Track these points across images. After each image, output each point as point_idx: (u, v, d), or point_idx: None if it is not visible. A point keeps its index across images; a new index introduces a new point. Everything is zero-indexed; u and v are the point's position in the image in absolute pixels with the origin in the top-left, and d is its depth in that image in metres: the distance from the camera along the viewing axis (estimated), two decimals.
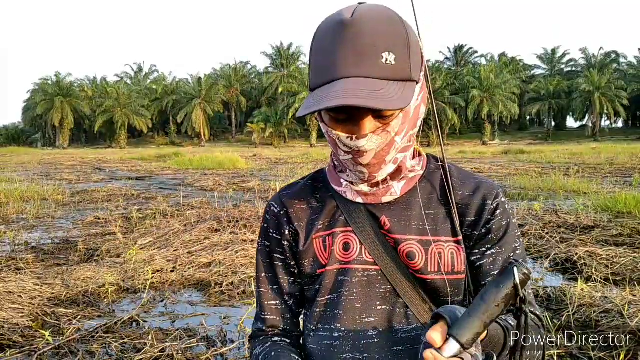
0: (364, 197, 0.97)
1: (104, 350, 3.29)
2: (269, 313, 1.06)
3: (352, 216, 0.98)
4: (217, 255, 5.26)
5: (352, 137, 0.86)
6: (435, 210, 0.97)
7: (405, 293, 0.95)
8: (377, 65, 0.80)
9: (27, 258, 5.61)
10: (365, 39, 0.80)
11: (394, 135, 0.87)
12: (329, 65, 0.82)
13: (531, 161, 22.06)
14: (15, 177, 15.83)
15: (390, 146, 0.88)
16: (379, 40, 0.80)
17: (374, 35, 0.80)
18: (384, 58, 0.80)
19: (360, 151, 0.87)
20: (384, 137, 0.86)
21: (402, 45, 0.82)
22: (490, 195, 0.98)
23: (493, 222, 0.97)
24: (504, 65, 65.80)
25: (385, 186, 0.96)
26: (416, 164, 0.99)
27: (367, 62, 0.80)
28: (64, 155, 38.04)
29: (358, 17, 0.81)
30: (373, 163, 0.89)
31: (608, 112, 58.48)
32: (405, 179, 0.97)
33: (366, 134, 0.85)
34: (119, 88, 66.84)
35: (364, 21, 0.81)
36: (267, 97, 68.14)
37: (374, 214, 0.97)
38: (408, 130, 0.89)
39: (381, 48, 0.80)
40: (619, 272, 4.57)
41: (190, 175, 17.77)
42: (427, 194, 0.98)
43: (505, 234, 0.97)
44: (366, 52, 0.80)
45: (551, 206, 8.32)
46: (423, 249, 0.95)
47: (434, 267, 0.95)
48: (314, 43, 0.86)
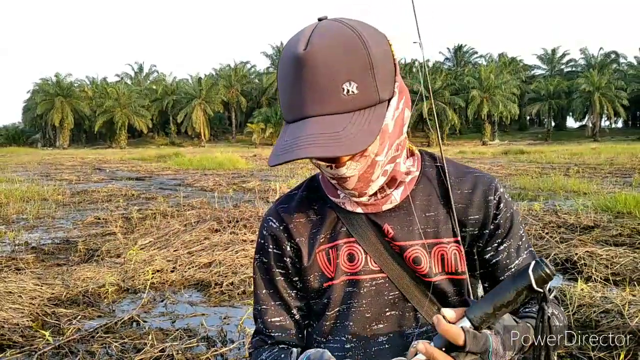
0: (364, 207, 0.96)
1: (104, 350, 3.29)
2: (273, 330, 1.04)
3: (354, 226, 0.96)
4: (217, 256, 5.26)
5: (332, 166, 0.85)
6: (436, 212, 0.97)
7: (413, 297, 0.95)
8: (338, 99, 0.77)
9: (27, 258, 5.61)
10: (322, 75, 0.77)
11: (373, 157, 0.85)
12: (292, 104, 0.81)
13: (531, 161, 22.06)
14: (15, 177, 15.83)
15: (373, 167, 0.87)
16: (336, 72, 0.77)
17: (331, 68, 0.76)
18: (345, 90, 0.77)
19: (343, 178, 0.87)
20: (363, 162, 0.85)
21: (362, 70, 0.78)
22: (490, 190, 0.98)
23: (499, 216, 0.97)
24: (503, 65, 65.80)
25: (383, 195, 0.95)
26: (411, 165, 0.98)
27: (327, 99, 0.77)
28: (64, 156, 38.04)
29: (313, 49, 0.77)
30: (359, 185, 0.89)
31: (608, 112, 58.46)
32: (402, 184, 0.96)
33: (344, 162, 0.84)
34: (119, 88, 66.83)
35: (318, 53, 0.77)
36: (267, 97, 68.17)
37: (376, 222, 0.96)
38: (391, 143, 0.87)
39: (340, 80, 0.77)
40: (619, 272, 4.57)
41: (190, 175, 17.77)
42: (426, 195, 0.98)
43: (511, 225, 0.98)
44: (325, 89, 0.77)
45: (551, 206, 8.32)
46: (427, 253, 0.95)
47: (438, 269, 0.95)
48: (277, 78, 0.85)
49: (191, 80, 71.67)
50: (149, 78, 77.19)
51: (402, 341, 0.94)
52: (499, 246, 0.97)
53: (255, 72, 75.48)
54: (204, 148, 54.23)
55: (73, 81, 70.07)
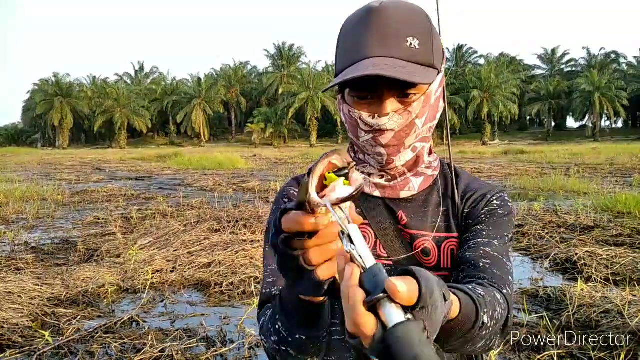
0: (382, 190, 0.97)
1: (103, 351, 3.29)
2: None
3: (370, 209, 0.97)
4: (217, 256, 5.26)
5: (375, 115, 0.88)
6: (448, 208, 0.99)
7: None
8: (402, 47, 0.84)
9: (27, 258, 5.61)
10: (391, 24, 0.84)
11: (414, 117, 0.89)
12: (356, 48, 0.86)
13: (531, 161, 22.06)
14: (15, 178, 15.83)
15: (411, 128, 0.90)
16: (404, 26, 0.85)
17: (400, 21, 0.85)
18: (409, 42, 0.85)
19: (381, 130, 0.89)
20: (405, 118, 0.88)
21: (425, 34, 0.87)
22: (492, 192, 1.00)
23: (489, 208, 0.97)
24: (504, 65, 65.79)
25: (403, 179, 0.96)
26: (433, 160, 1.01)
27: (392, 44, 0.84)
28: (63, 156, 38.04)
29: (385, 5, 0.86)
30: (393, 144, 0.90)
31: (608, 112, 58.45)
32: (423, 176, 0.98)
33: (388, 113, 0.87)
34: (119, 88, 66.83)
35: (390, 8, 0.85)
36: (267, 98, 68.14)
37: (392, 208, 0.97)
38: (428, 118, 0.91)
39: (406, 33, 0.85)
40: (619, 272, 4.57)
41: (190, 175, 17.77)
42: (441, 192, 1.01)
43: (500, 220, 0.95)
44: (391, 35, 0.84)
45: (551, 206, 8.32)
46: (436, 246, 0.95)
47: (446, 264, 0.95)
48: (342, 29, 0.91)
49: (191, 81, 71.65)
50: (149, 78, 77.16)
51: None
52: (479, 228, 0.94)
53: (255, 73, 75.47)
54: (203, 148, 54.21)
55: (72, 81, 70.09)
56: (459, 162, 20.82)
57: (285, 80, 62.59)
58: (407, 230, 0.96)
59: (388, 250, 0.96)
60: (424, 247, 0.95)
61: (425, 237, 0.96)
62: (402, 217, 0.97)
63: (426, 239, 0.95)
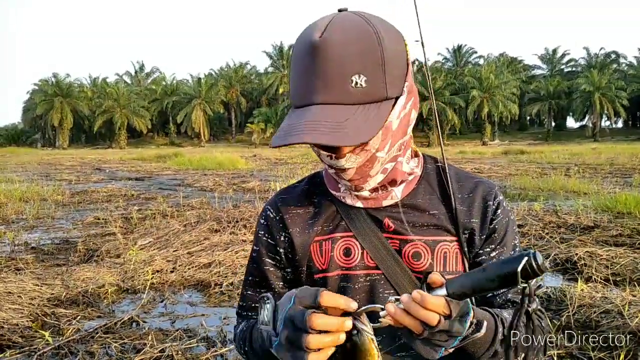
0: (364, 201, 0.96)
1: (103, 351, 3.29)
2: (252, 313, 1.04)
3: (353, 221, 0.96)
4: (216, 256, 5.26)
5: (332, 156, 0.86)
6: (437, 211, 0.97)
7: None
8: (346, 90, 0.79)
9: (27, 258, 5.61)
10: (334, 65, 0.78)
11: (374, 152, 0.86)
12: (300, 89, 0.83)
13: (531, 161, 22.06)
14: (15, 178, 15.82)
15: (373, 162, 0.87)
16: (349, 63, 0.78)
17: (344, 58, 0.78)
18: (354, 82, 0.79)
19: (341, 169, 0.88)
20: (364, 156, 0.85)
21: (374, 65, 0.79)
22: (490, 195, 0.98)
23: (496, 221, 0.97)
24: (503, 65, 65.80)
25: (384, 191, 0.95)
26: (415, 166, 0.99)
27: (336, 87, 0.79)
28: (63, 156, 38.04)
29: (328, 37, 0.78)
30: (356, 178, 0.90)
31: (608, 112, 58.48)
32: (404, 182, 0.96)
33: (344, 154, 0.85)
34: (119, 88, 66.85)
35: (333, 43, 0.78)
36: (267, 98, 68.16)
37: (376, 217, 0.96)
38: (394, 141, 0.87)
39: (350, 72, 0.78)
40: (619, 273, 4.57)
41: (190, 175, 17.77)
42: (427, 194, 0.98)
43: (506, 233, 0.98)
44: (334, 78, 0.78)
45: (551, 206, 8.32)
46: (429, 250, 0.94)
47: (439, 268, 0.94)
48: (290, 62, 0.87)
49: (191, 81, 71.69)
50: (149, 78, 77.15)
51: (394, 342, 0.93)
52: (491, 252, 0.97)
53: (255, 73, 75.46)
54: (203, 148, 54.18)
55: (72, 81, 70.10)
56: (459, 162, 20.83)
57: (285, 80, 62.53)
58: (394, 237, 0.95)
59: (376, 259, 0.95)
60: (415, 251, 0.94)
61: (415, 242, 0.94)
62: (388, 225, 0.95)
63: (416, 244, 0.94)
